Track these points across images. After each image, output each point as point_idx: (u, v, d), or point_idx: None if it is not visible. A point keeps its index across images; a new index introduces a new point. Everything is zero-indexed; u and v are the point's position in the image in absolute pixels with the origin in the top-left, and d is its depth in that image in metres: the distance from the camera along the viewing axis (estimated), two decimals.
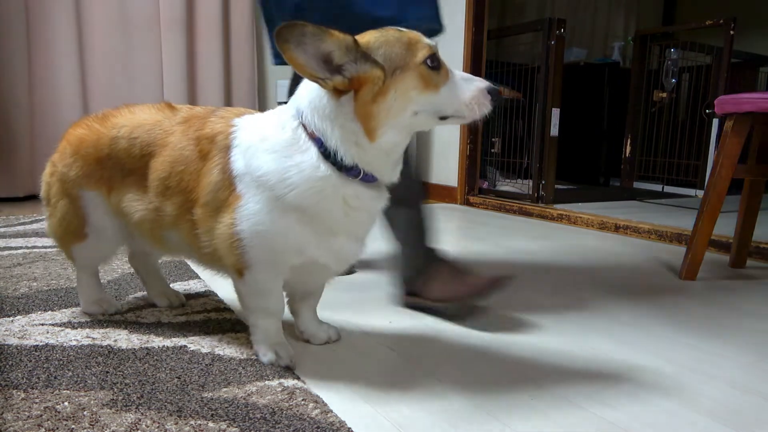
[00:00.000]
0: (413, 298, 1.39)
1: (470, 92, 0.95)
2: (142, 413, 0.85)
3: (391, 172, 1.01)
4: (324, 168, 0.94)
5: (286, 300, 1.16)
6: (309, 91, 0.96)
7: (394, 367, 1.08)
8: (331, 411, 0.87)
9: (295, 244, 0.98)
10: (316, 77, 0.89)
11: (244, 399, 0.90)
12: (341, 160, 0.93)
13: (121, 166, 1.13)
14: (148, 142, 1.09)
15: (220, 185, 0.99)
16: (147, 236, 1.15)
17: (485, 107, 0.96)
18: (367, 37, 0.93)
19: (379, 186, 1.00)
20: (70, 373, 0.97)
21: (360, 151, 0.94)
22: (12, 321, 1.21)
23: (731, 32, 3.20)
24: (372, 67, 0.89)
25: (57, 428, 0.80)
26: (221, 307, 1.35)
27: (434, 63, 0.93)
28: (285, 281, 1.07)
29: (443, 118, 0.97)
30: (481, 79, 0.97)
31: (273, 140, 0.97)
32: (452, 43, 3.44)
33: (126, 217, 1.15)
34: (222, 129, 1.03)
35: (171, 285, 1.44)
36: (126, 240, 1.27)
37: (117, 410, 0.85)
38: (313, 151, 0.94)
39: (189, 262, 1.75)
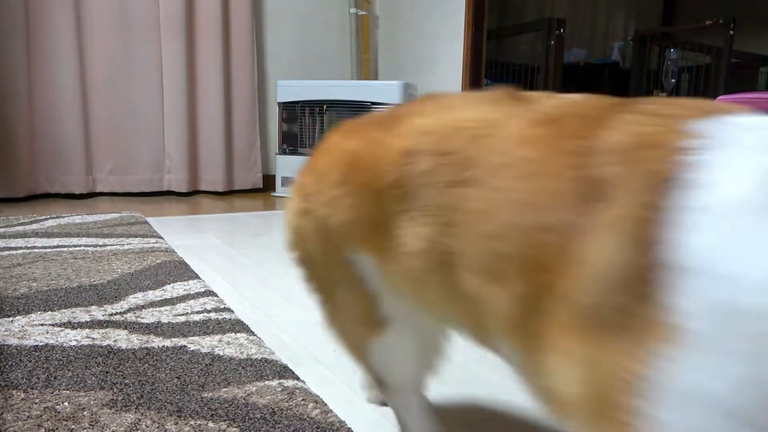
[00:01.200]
0: None
1: None
2: (142, 413, 0.85)
3: None
4: None
5: None
6: None
7: None
8: (331, 411, 0.87)
9: None
10: None
11: (244, 399, 0.90)
12: None
13: (411, 205, 0.58)
14: (469, 159, 0.53)
15: (627, 277, 0.41)
16: (469, 337, 0.62)
17: None
18: None
19: None
20: (70, 374, 0.97)
21: None
22: (12, 321, 1.21)
23: (731, 32, 3.20)
24: None
25: (57, 428, 0.80)
26: (221, 307, 1.35)
27: None
28: None
29: None
30: None
31: None
32: (452, 43, 3.44)
33: (425, 306, 0.64)
34: (659, 139, 0.41)
35: (171, 285, 1.43)
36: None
37: (117, 410, 0.85)
38: None
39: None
